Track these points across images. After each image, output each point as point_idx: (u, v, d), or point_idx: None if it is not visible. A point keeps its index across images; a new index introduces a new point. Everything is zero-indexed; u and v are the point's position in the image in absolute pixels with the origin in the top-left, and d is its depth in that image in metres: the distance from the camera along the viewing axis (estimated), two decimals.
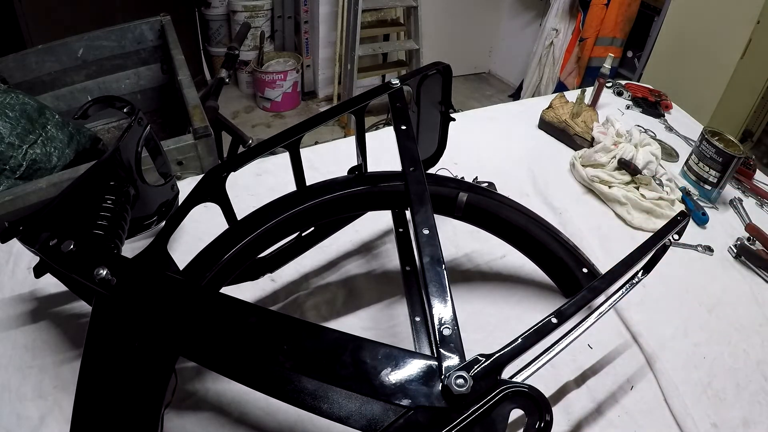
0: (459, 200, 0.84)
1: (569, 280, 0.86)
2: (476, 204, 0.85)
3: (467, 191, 0.84)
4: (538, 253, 0.89)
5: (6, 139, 1.33)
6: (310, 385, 0.61)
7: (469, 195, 0.84)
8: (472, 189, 0.85)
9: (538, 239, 0.87)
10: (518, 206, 0.85)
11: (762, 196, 1.30)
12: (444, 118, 0.88)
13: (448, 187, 0.84)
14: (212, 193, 0.63)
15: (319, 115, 0.71)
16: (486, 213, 0.87)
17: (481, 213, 0.87)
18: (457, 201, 0.85)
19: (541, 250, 0.88)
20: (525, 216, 0.85)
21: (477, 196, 0.84)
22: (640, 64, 2.92)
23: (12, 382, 0.70)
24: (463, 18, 3.92)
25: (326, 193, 0.76)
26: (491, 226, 0.88)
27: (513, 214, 0.85)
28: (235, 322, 0.47)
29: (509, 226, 0.87)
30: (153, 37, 1.97)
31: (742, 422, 0.79)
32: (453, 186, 0.85)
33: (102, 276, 0.49)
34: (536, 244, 0.88)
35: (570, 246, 0.84)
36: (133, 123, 0.75)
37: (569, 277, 0.85)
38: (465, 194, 0.84)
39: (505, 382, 0.45)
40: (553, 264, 0.88)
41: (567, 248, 0.84)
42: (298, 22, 3.56)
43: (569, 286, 0.86)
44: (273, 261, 0.83)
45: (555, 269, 0.88)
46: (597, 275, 0.79)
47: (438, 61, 0.81)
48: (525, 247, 0.89)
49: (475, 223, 0.88)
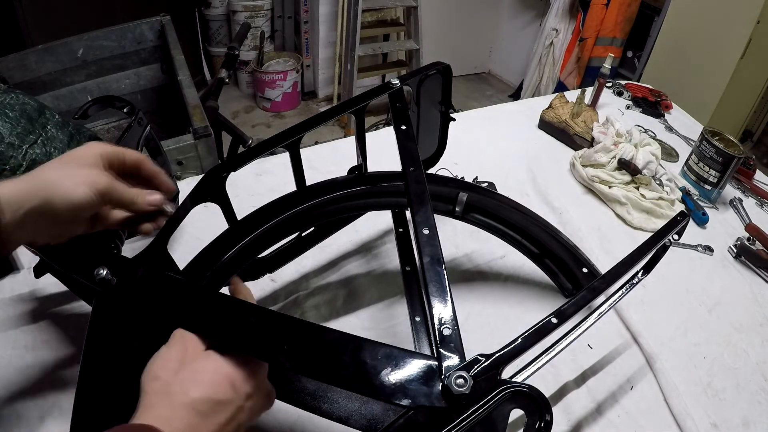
0: (459, 200, 0.84)
1: (569, 281, 0.86)
2: (476, 204, 0.85)
3: (467, 191, 0.84)
4: (537, 254, 0.88)
5: (6, 139, 1.33)
6: (310, 385, 0.61)
7: (469, 195, 0.83)
8: (472, 189, 0.85)
9: (538, 239, 0.87)
10: (518, 206, 0.85)
11: (762, 196, 1.30)
12: (444, 118, 0.88)
13: (448, 187, 0.84)
14: (212, 193, 0.63)
15: (319, 115, 0.71)
16: (486, 213, 0.87)
17: (481, 213, 0.87)
18: (457, 201, 0.84)
19: (541, 250, 0.88)
20: (525, 216, 0.85)
21: (477, 196, 0.84)
22: (640, 64, 2.92)
23: (12, 382, 0.70)
24: (463, 18, 3.92)
25: (326, 193, 0.76)
26: (491, 226, 0.88)
27: (513, 214, 0.85)
28: (234, 322, 0.47)
29: (509, 225, 0.87)
30: (153, 37, 1.97)
31: (741, 422, 0.79)
32: (453, 186, 0.84)
33: (102, 276, 0.49)
34: (536, 244, 0.87)
35: (570, 246, 0.84)
36: (133, 123, 0.75)
37: (569, 277, 0.85)
38: (465, 194, 0.83)
39: (505, 382, 0.45)
40: (553, 264, 0.87)
41: (567, 248, 0.84)
42: (298, 22, 3.56)
43: (569, 286, 0.86)
44: (273, 261, 0.83)
45: (555, 269, 0.88)
46: (597, 275, 0.79)
47: (438, 61, 0.81)
48: (524, 248, 0.89)
49: (474, 223, 0.88)
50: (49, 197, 0.48)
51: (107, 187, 0.52)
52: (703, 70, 2.39)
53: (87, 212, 0.52)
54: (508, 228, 0.87)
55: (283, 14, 3.53)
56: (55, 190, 0.48)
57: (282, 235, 0.76)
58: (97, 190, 0.50)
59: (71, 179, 0.49)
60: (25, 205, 0.47)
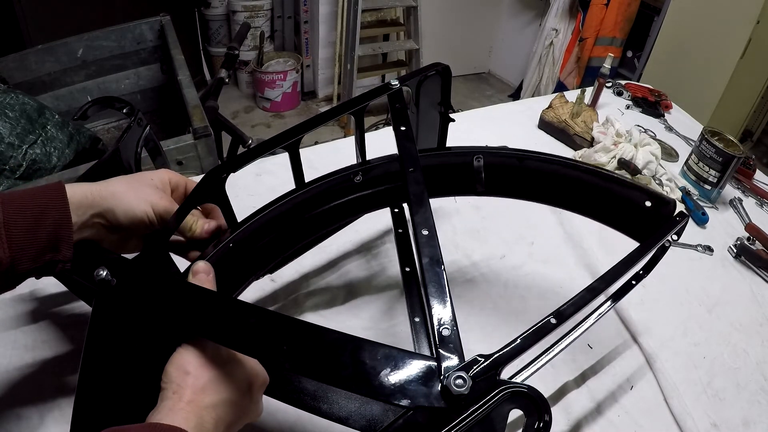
0: (476, 168, 0.75)
1: (635, 219, 0.73)
2: (498, 165, 0.74)
3: (481, 153, 0.74)
4: (588, 202, 0.75)
5: (6, 139, 1.34)
6: (309, 385, 0.62)
7: (485, 156, 0.74)
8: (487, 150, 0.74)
9: (585, 183, 0.73)
10: (546, 155, 0.73)
11: (762, 196, 1.30)
12: (443, 118, 0.87)
13: (457, 156, 0.75)
14: (212, 194, 0.63)
15: (319, 116, 0.71)
16: (513, 172, 0.75)
17: (506, 175, 0.76)
18: (474, 170, 0.75)
19: (593, 196, 0.74)
20: (558, 163, 0.73)
21: (496, 156, 0.74)
22: (640, 64, 2.92)
23: (12, 382, 0.71)
24: (462, 18, 3.92)
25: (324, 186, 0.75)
26: (524, 189, 0.75)
27: (544, 164, 0.74)
28: (234, 322, 0.47)
29: (546, 180, 0.74)
30: (153, 37, 1.97)
31: (741, 422, 0.79)
32: (464, 152, 0.74)
33: (102, 277, 0.49)
34: (584, 192, 0.74)
35: (626, 181, 0.72)
36: (132, 123, 0.75)
37: (635, 215, 0.72)
38: (480, 158, 0.74)
39: (504, 383, 0.45)
40: (611, 207, 0.74)
41: (624, 183, 0.71)
42: (298, 22, 3.56)
43: (636, 226, 0.73)
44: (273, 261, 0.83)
45: (615, 213, 0.74)
46: (667, 203, 0.68)
47: (437, 62, 0.81)
48: (572, 201, 0.75)
49: (503, 192, 0.76)
50: (113, 208, 0.53)
51: (167, 209, 0.57)
52: (703, 70, 2.39)
53: (144, 229, 0.57)
54: (547, 184, 0.76)
55: (282, 14, 3.54)
56: (119, 202, 0.54)
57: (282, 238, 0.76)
58: (156, 211, 0.55)
59: (135, 195, 0.54)
60: (90, 211, 0.53)
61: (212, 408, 0.45)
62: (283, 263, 0.84)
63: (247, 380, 0.49)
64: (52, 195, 0.51)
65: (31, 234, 0.49)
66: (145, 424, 0.42)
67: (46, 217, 0.50)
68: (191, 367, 0.46)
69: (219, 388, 0.46)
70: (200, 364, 0.46)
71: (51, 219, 0.50)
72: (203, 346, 0.47)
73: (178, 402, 0.43)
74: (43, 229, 0.50)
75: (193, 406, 0.43)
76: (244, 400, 0.48)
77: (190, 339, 0.48)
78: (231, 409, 0.46)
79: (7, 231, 0.47)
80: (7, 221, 0.48)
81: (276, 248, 0.71)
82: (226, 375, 0.47)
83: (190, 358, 0.46)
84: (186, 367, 0.46)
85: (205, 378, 0.46)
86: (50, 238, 0.50)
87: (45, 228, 0.50)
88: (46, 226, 0.50)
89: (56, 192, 0.51)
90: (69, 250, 0.51)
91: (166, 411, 0.43)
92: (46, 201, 0.50)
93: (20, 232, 0.48)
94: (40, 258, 0.50)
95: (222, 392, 0.46)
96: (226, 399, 0.46)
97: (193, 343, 0.47)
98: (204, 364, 0.46)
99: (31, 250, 0.49)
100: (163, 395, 0.44)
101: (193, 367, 0.46)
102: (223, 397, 0.46)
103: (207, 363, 0.47)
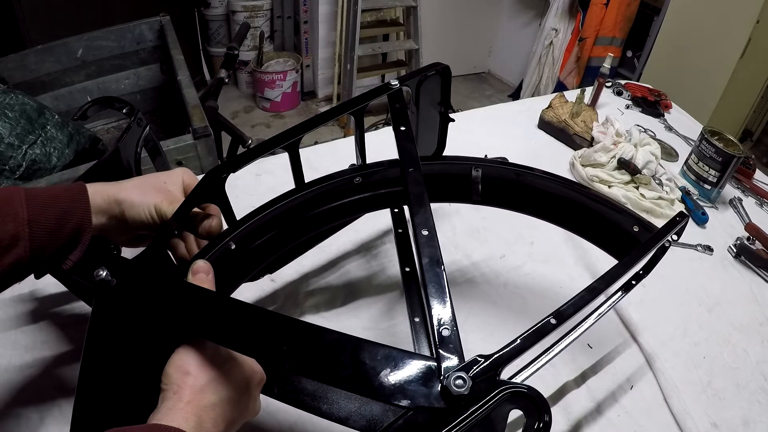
0: (474, 178, 0.78)
1: (621, 241, 0.76)
2: (495, 177, 0.78)
3: (480, 165, 0.78)
4: (578, 220, 0.79)
5: (5, 140, 1.34)
6: (309, 385, 0.62)
7: (483, 168, 0.78)
8: (485, 162, 0.79)
9: (577, 203, 0.77)
10: (543, 173, 0.77)
11: (762, 196, 1.30)
12: (443, 118, 0.87)
13: (457, 166, 0.79)
14: (212, 194, 0.63)
15: (319, 117, 0.71)
16: (508, 185, 0.79)
17: (502, 187, 0.79)
18: (471, 179, 0.78)
19: (583, 215, 0.78)
20: (554, 181, 0.77)
21: (493, 168, 0.78)
22: (640, 64, 2.92)
23: (12, 382, 0.71)
24: (462, 18, 3.92)
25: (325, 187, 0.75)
26: (517, 202, 0.80)
27: (539, 180, 0.78)
28: (234, 322, 0.47)
29: (540, 195, 0.78)
30: (152, 37, 1.97)
31: (741, 422, 0.79)
32: (463, 162, 0.78)
33: (102, 277, 0.49)
34: (575, 210, 0.78)
35: (617, 205, 0.76)
36: (132, 123, 0.75)
37: (621, 237, 0.75)
38: (479, 169, 0.78)
39: (504, 383, 0.45)
40: (600, 227, 0.77)
41: (614, 207, 0.75)
42: (298, 22, 3.56)
43: (621, 247, 0.76)
44: (273, 261, 0.83)
45: (602, 233, 0.78)
46: (652, 231, 0.70)
47: (437, 62, 0.81)
48: (562, 217, 0.79)
49: (497, 203, 0.80)
50: (124, 212, 0.57)
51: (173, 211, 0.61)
52: (702, 69, 2.39)
53: (151, 230, 0.60)
54: (538, 199, 0.79)
55: (282, 14, 3.53)
56: (130, 208, 0.57)
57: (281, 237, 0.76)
58: (160, 212, 0.59)
59: (144, 200, 0.58)
60: (107, 214, 0.57)
61: (211, 408, 0.45)
62: (282, 263, 0.85)
63: (245, 379, 0.49)
64: (75, 198, 0.53)
65: (54, 236, 0.50)
66: (146, 425, 0.42)
67: (68, 220, 0.51)
68: (191, 368, 0.46)
69: (218, 388, 0.46)
70: (200, 365, 0.46)
71: (73, 223, 0.51)
72: (203, 347, 0.47)
73: (177, 402, 0.43)
74: (64, 232, 0.51)
75: (192, 407, 0.44)
76: (242, 398, 0.48)
77: (189, 339, 0.48)
78: (230, 408, 0.47)
79: (30, 230, 0.48)
80: (30, 220, 0.49)
81: (276, 248, 0.71)
82: (225, 374, 0.47)
83: (189, 358, 0.46)
84: (186, 368, 0.46)
85: (205, 378, 0.46)
86: (70, 241, 0.52)
87: (66, 231, 0.51)
88: (68, 229, 0.51)
89: (80, 195, 0.53)
90: (81, 252, 0.53)
91: (165, 411, 0.43)
92: (70, 203, 0.52)
93: (43, 233, 0.49)
94: (56, 258, 0.52)
95: (221, 392, 0.46)
96: (225, 398, 0.46)
97: (193, 344, 0.47)
98: (204, 365, 0.46)
99: (50, 251, 0.51)
100: (163, 396, 0.45)
101: (192, 367, 0.46)
102: (222, 396, 0.46)
103: (206, 363, 0.47)
